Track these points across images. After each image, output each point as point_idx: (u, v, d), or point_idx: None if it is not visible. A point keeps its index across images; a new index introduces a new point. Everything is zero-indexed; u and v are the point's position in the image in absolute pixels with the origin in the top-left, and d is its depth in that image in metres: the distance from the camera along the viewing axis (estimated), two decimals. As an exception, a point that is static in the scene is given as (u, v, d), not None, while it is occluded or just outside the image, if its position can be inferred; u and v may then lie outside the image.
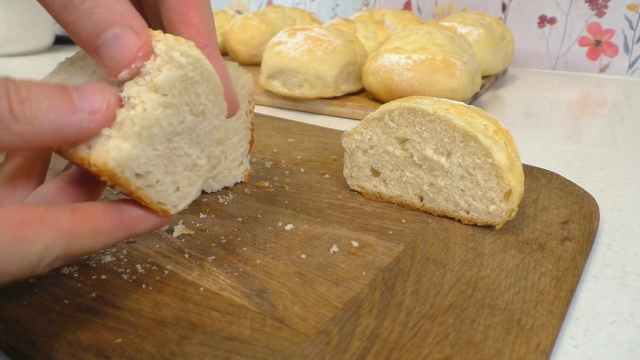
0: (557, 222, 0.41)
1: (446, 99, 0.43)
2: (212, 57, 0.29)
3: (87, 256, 0.36)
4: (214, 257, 0.36)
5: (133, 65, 0.26)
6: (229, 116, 0.31)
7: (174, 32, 0.31)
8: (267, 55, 0.82)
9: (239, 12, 1.45)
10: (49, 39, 1.37)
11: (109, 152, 0.25)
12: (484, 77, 0.92)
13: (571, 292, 0.32)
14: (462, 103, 0.42)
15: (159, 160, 0.28)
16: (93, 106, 0.25)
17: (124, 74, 0.26)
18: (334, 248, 0.37)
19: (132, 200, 0.29)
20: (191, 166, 0.30)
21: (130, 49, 0.25)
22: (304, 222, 0.41)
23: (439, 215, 0.42)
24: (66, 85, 0.25)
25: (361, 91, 0.85)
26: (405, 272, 0.34)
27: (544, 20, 1.14)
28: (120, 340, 0.28)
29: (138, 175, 0.27)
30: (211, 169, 0.31)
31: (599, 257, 0.38)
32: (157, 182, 0.28)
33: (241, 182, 0.49)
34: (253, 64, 1.08)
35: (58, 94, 0.24)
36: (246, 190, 0.47)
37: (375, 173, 0.45)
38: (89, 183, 0.30)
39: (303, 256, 0.36)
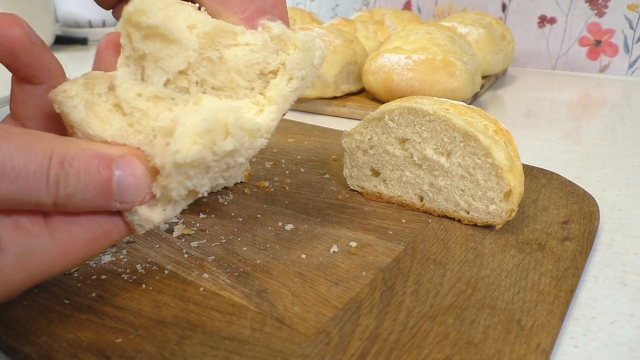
0: (557, 222, 0.41)
1: (446, 99, 0.43)
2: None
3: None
4: (214, 257, 0.36)
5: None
6: None
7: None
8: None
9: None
10: (49, 39, 1.37)
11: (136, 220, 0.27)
12: (484, 77, 0.92)
13: (571, 292, 0.32)
14: (462, 103, 0.42)
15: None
16: (128, 200, 0.26)
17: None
18: (334, 248, 0.37)
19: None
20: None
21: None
22: (304, 222, 0.41)
23: (439, 215, 0.42)
24: (112, 167, 0.25)
25: (361, 91, 0.85)
26: (405, 272, 0.34)
27: (544, 20, 1.14)
28: (120, 340, 0.28)
29: None
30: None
31: (599, 257, 0.38)
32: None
33: (241, 182, 0.49)
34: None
35: (100, 187, 0.25)
36: (246, 190, 0.47)
37: (375, 173, 0.45)
38: None
39: (303, 256, 0.36)
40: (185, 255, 0.36)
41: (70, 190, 0.24)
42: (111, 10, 0.38)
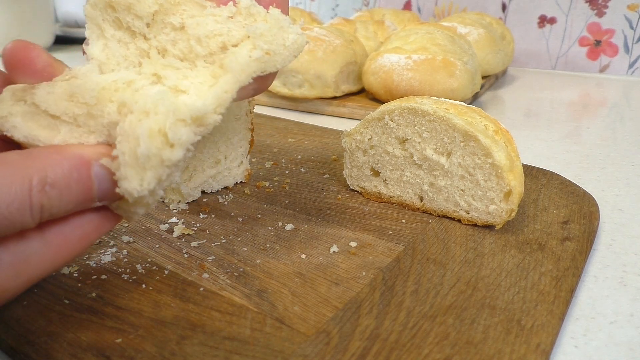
0: (557, 222, 0.41)
1: (446, 99, 0.43)
2: None
3: (87, 256, 0.36)
4: (214, 257, 0.36)
5: None
6: None
7: None
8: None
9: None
10: (49, 39, 1.37)
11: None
12: (484, 77, 0.92)
13: (571, 292, 0.32)
14: (462, 103, 0.42)
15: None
16: (109, 199, 0.26)
17: None
18: (334, 248, 0.37)
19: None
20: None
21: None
22: (304, 222, 0.41)
23: (439, 215, 0.42)
24: (91, 175, 0.25)
25: (361, 91, 0.85)
26: (405, 272, 0.34)
27: (544, 20, 1.14)
28: (120, 340, 0.28)
29: None
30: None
31: (599, 257, 0.38)
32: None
33: (241, 182, 0.49)
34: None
35: (83, 197, 0.25)
36: (246, 190, 0.47)
37: (375, 173, 0.45)
38: None
39: (303, 256, 0.36)
40: (185, 255, 0.36)
41: (55, 210, 0.24)
42: None
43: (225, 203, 0.45)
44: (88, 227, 0.26)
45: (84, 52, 0.29)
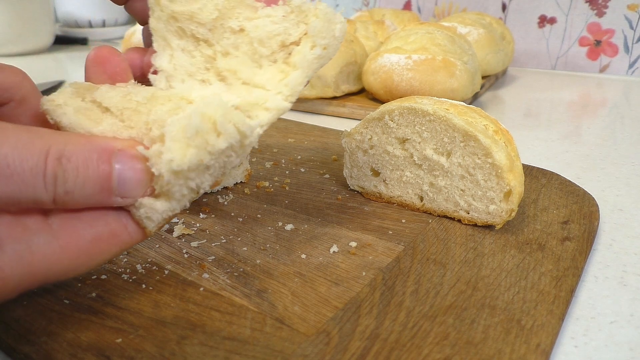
0: (557, 222, 0.41)
1: (446, 99, 0.43)
2: None
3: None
4: (214, 257, 0.36)
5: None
6: None
7: None
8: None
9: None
10: (49, 39, 1.37)
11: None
12: (484, 77, 0.92)
13: (571, 292, 0.32)
14: (462, 103, 0.42)
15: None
16: (129, 195, 0.25)
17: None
18: (334, 248, 0.37)
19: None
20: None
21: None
22: (304, 222, 0.41)
23: (439, 215, 0.42)
24: (112, 162, 0.25)
25: (361, 91, 0.85)
26: (405, 272, 0.34)
27: (544, 20, 1.14)
28: (120, 340, 0.28)
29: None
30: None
31: (599, 257, 0.38)
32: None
33: (241, 182, 0.49)
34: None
35: (100, 183, 0.24)
36: (246, 190, 0.47)
37: (376, 173, 0.45)
38: None
39: (303, 256, 0.36)
40: (185, 255, 0.36)
41: (69, 186, 0.24)
42: (123, 5, 0.38)
43: (225, 203, 0.45)
44: (102, 229, 0.26)
45: (150, 70, 0.31)
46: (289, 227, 0.40)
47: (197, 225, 0.41)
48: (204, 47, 0.31)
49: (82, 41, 1.49)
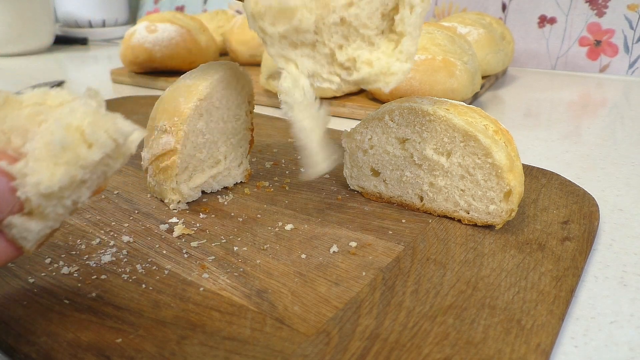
0: (557, 222, 0.41)
1: (446, 99, 0.43)
2: None
3: (87, 256, 0.36)
4: (214, 257, 0.36)
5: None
6: None
7: None
8: (267, 56, 0.81)
9: (239, 12, 1.45)
10: (49, 39, 1.37)
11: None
12: (484, 77, 0.92)
13: (571, 292, 0.32)
14: (462, 103, 0.42)
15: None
16: None
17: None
18: (334, 248, 0.37)
19: None
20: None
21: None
22: (304, 222, 0.41)
23: (439, 215, 0.42)
24: None
25: (361, 91, 0.85)
26: (405, 272, 0.34)
27: (544, 20, 1.14)
28: (120, 340, 0.28)
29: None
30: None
31: (599, 257, 0.38)
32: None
33: (241, 182, 0.49)
34: (253, 64, 1.08)
35: None
36: (246, 190, 0.47)
37: (375, 173, 0.45)
38: None
39: (303, 256, 0.36)
40: (185, 255, 0.36)
41: None
42: None
43: (225, 203, 0.45)
44: None
45: (278, 91, 0.35)
46: (289, 227, 0.40)
47: (197, 225, 0.41)
48: (320, 46, 0.34)
49: (82, 41, 1.49)
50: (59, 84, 0.98)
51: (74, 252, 0.36)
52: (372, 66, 0.33)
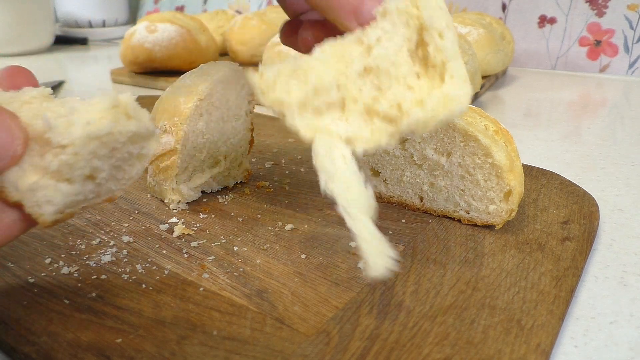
0: (557, 222, 0.41)
1: (446, 99, 0.43)
2: None
3: (86, 256, 0.36)
4: (214, 257, 0.36)
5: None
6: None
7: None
8: (267, 56, 0.81)
9: (239, 12, 1.45)
10: (49, 39, 1.37)
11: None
12: (484, 77, 0.92)
13: (571, 292, 0.32)
14: (462, 103, 0.42)
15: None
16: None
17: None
18: (334, 248, 0.37)
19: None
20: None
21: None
22: (304, 222, 0.41)
23: (439, 215, 0.42)
24: None
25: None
26: (405, 272, 0.34)
27: (544, 20, 1.14)
28: (120, 340, 0.28)
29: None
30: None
31: (599, 257, 0.38)
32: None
33: (241, 182, 0.49)
34: (253, 64, 1.08)
35: None
36: (246, 190, 0.47)
37: (375, 173, 0.45)
38: None
39: (303, 256, 0.36)
40: (185, 255, 0.36)
41: None
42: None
43: (225, 203, 0.45)
44: None
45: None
46: (289, 227, 0.40)
47: (197, 225, 0.41)
48: (350, 104, 0.28)
49: (82, 41, 1.49)
50: (59, 84, 0.98)
51: (74, 252, 0.36)
52: (423, 105, 0.27)
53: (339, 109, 0.29)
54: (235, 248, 0.37)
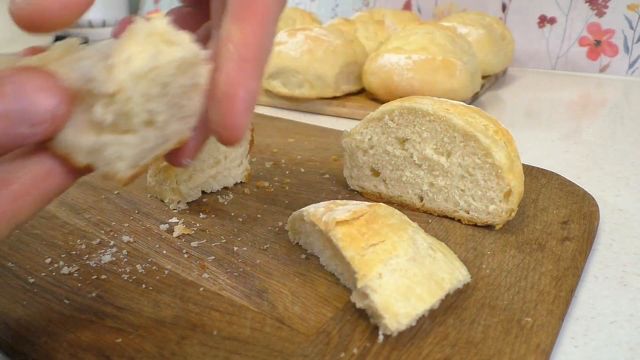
0: (557, 222, 0.41)
1: (446, 99, 0.43)
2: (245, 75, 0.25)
3: (87, 256, 0.36)
4: (214, 257, 0.36)
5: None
6: (223, 141, 0.27)
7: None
8: (267, 55, 0.81)
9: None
10: (48, 39, 1.37)
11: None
12: (484, 77, 0.92)
13: (571, 292, 0.32)
14: (462, 103, 0.42)
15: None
16: (35, 119, 0.22)
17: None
18: (334, 248, 0.37)
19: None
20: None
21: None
22: (304, 222, 0.41)
23: (439, 215, 0.42)
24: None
25: (361, 91, 0.85)
26: (405, 272, 0.34)
27: (544, 20, 1.14)
28: (120, 340, 0.28)
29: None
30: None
31: (599, 257, 0.38)
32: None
33: (241, 182, 0.49)
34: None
35: None
36: (246, 190, 0.47)
37: (375, 173, 0.45)
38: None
39: (303, 256, 0.36)
40: (185, 255, 0.36)
41: None
42: None
43: (225, 203, 0.45)
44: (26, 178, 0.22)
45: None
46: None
47: (197, 225, 0.41)
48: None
49: (82, 41, 1.49)
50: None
51: (74, 252, 0.36)
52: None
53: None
54: (235, 248, 0.37)
